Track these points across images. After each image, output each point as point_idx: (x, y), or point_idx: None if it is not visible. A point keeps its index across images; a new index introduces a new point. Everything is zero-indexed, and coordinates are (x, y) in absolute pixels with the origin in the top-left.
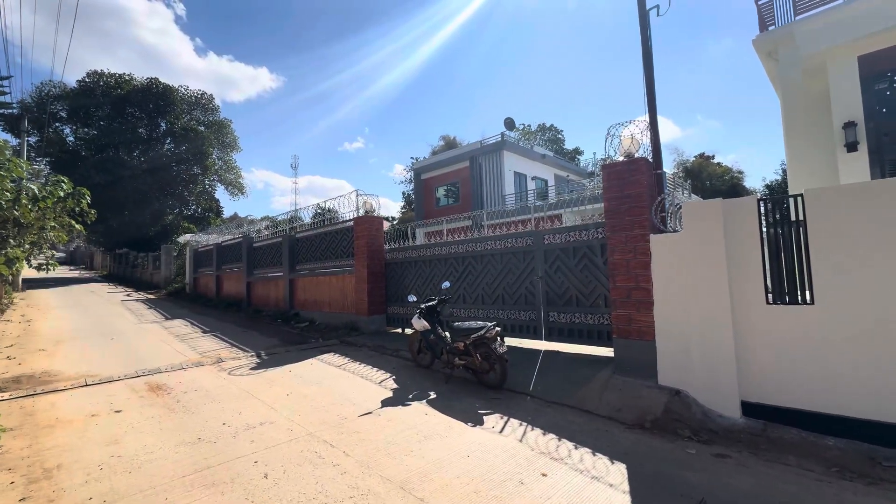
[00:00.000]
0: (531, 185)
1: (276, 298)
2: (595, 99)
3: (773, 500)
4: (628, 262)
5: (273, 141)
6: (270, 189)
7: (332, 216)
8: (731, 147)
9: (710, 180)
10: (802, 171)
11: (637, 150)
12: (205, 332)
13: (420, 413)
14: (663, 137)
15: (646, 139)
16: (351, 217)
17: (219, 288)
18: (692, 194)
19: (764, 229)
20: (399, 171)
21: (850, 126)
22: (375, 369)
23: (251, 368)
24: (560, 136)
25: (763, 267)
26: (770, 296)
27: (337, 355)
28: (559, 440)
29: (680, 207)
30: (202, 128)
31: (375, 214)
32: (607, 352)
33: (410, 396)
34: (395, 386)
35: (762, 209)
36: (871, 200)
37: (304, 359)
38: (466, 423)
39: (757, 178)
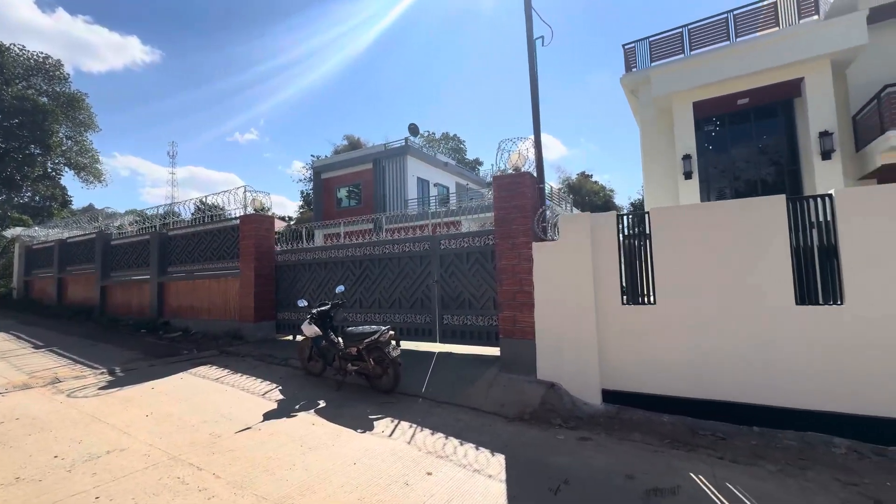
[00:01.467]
0: (433, 192)
1: (140, 305)
2: (496, 113)
3: (621, 472)
4: (514, 267)
5: (145, 123)
6: (140, 179)
7: (217, 213)
8: (606, 168)
9: (589, 196)
10: (655, 193)
11: (524, 165)
12: (38, 347)
13: (307, 424)
14: (553, 155)
15: (531, 155)
16: (238, 215)
17: (62, 293)
18: (574, 208)
19: (622, 240)
20: (298, 169)
21: (686, 158)
22: (259, 380)
23: (100, 388)
24: (462, 145)
25: (620, 272)
26: (624, 297)
27: (214, 367)
28: (446, 438)
29: (557, 218)
30: (44, 99)
31: (267, 213)
32: (496, 351)
33: (297, 407)
34: (280, 397)
35: (620, 223)
36: (694, 219)
37: (172, 373)
38: (356, 429)
39: (625, 196)
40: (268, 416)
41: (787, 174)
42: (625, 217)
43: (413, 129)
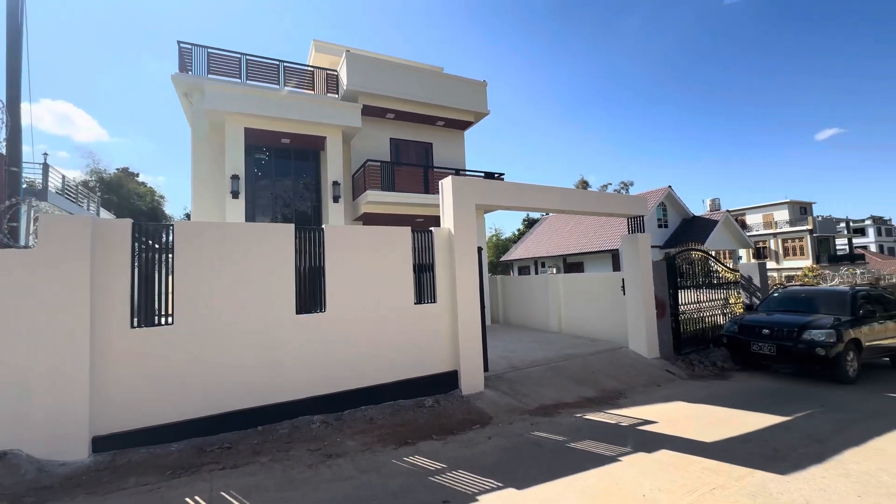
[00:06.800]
0: None
1: None
2: None
3: None
4: None
5: None
6: None
7: None
8: (161, 168)
9: (132, 198)
10: (203, 205)
11: None
12: None
13: None
14: (86, 136)
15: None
16: None
17: None
18: (103, 209)
19: (138, 253)
20: None
21: (235, 178)
22: None
23: None
24: None
25: (132, 291)
26: (136, 320)
27: None
28: None
29: (38, 219)
30: None
31: None
32: None
33: None
34: None
35: (138, 234)
36: (222, 237)
37: None
38: None
39: (180, 205)
40: None
41: (314, 209)
42: (143, 227)
43: None
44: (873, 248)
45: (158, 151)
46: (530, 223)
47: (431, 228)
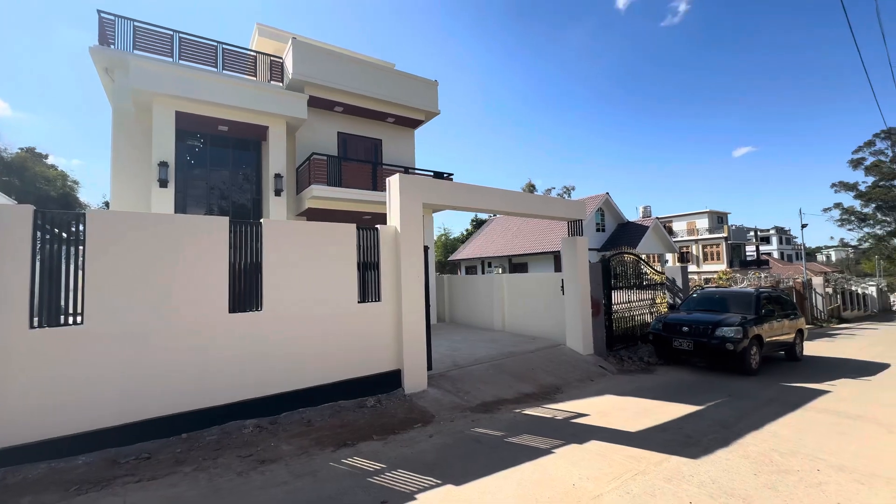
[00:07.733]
0: None
1: None
2: None
3: None
4: None
5: None
6: None
7: None
8: (78, 151)
9: (39, 182)
10: (124, 194)
11: None
12: None
13: None
14: None
15: None
16: None
17: None
18: (0, 193)
19: (41, 244)
20: None
21: (163, 165)
22: None
23: None
24: None
25: (32, 287)
26: (37, 319)
27: None
28: None
29: None
30: None
31: None
32: None
33: None
34: None
35: (39, 221)
36: (144, 228)
37: None
38: None
39: (100, 192)
40: None
41: (254, 202)
42: (47, 216)
43: None
44: (776, 254)
45: (73, 131)
46: (479, 224)
47: (377, 226)
